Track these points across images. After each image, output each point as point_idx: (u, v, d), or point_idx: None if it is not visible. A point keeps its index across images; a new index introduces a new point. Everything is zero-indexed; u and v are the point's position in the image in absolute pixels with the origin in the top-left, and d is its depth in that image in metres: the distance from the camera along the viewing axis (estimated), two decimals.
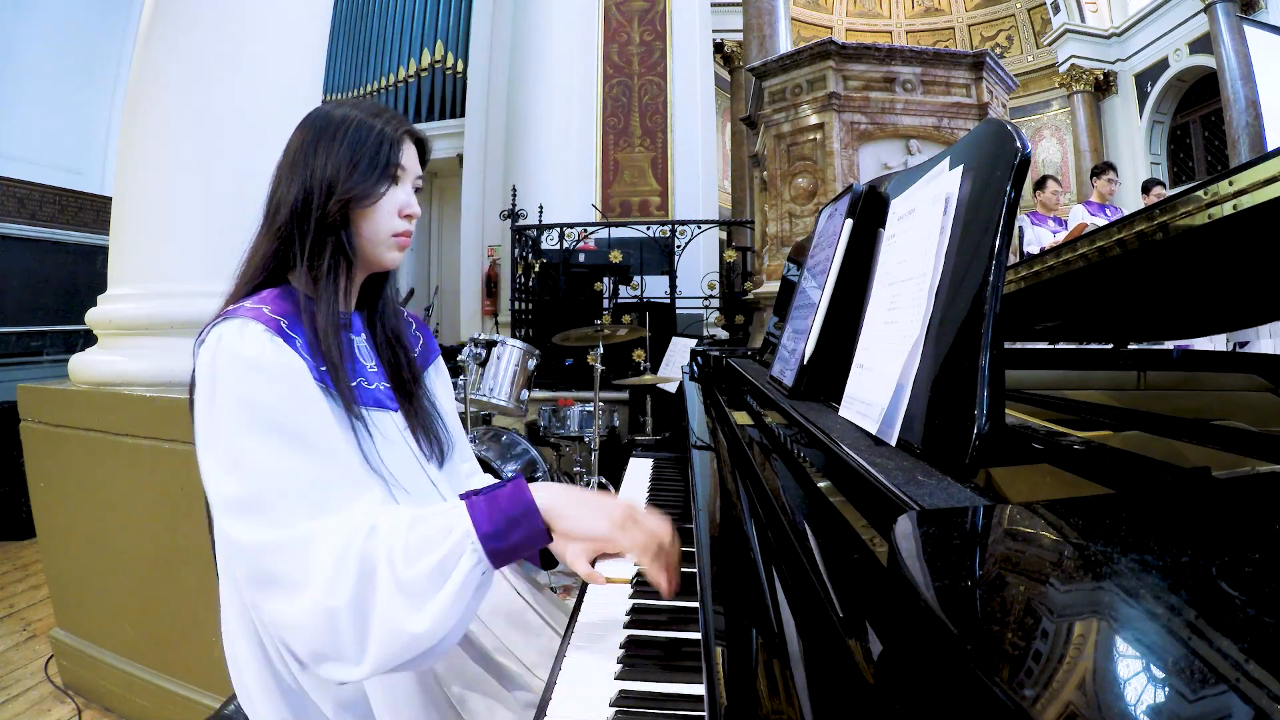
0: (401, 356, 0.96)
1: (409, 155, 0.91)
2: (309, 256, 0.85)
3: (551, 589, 2.86)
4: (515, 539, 0.68)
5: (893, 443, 0.61)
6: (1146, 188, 5.22)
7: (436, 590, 0.64)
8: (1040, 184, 4.95)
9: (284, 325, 0.79)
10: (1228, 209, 0.59)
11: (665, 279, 4.80)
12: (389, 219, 0.88)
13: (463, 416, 2.90)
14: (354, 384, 0.85)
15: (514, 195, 5.24)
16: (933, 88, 3.56)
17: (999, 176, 0.58)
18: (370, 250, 0.89)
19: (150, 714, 1.96)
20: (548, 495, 0.72)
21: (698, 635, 0.73)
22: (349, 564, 0.64)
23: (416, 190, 0.93)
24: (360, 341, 0.92)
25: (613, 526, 0.71)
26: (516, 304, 5.11)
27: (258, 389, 0.73)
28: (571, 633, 0.77)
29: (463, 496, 0.72)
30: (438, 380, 1.04)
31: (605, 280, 4.63)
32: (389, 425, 0.89)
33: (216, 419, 0.73)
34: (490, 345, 3.20)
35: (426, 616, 0.63)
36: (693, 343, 3.34)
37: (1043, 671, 0.23)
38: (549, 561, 0.92)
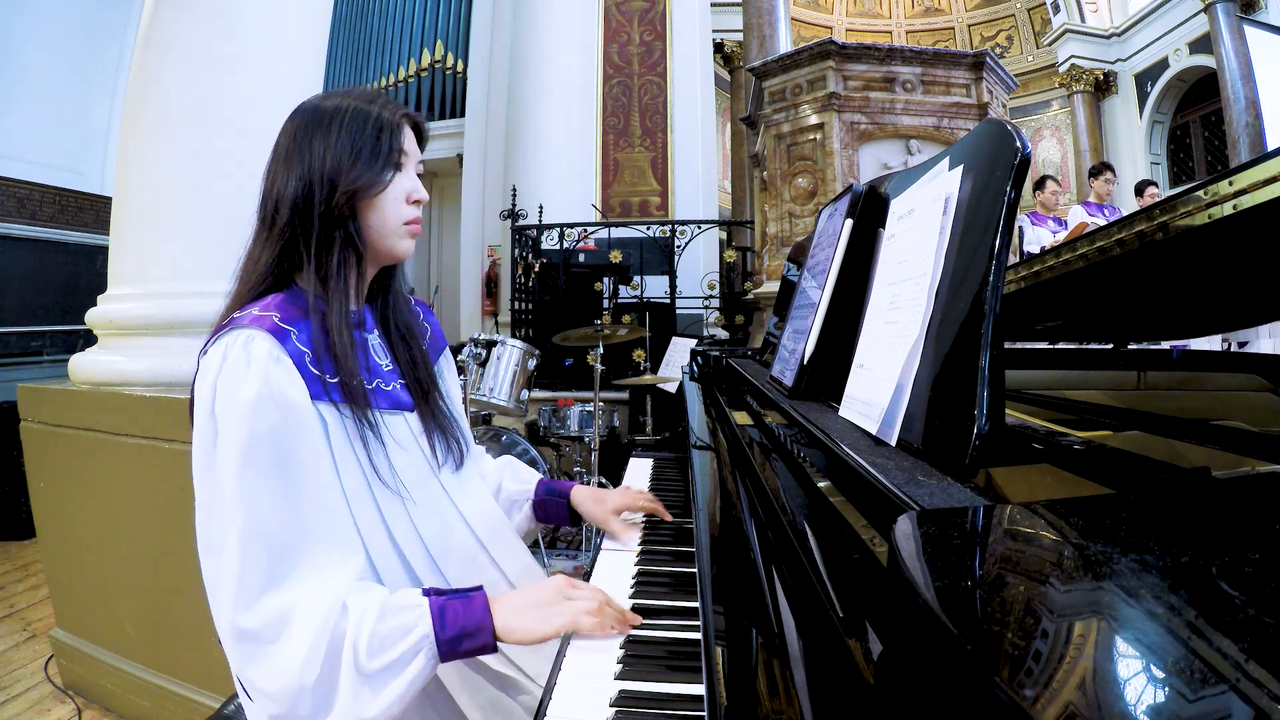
0: (416, 353, 0.94)
1: (410, 140, 0.89)
2: (315, 254, 0.82)
3: None
4: (465, 648, 0.73)
5: (893, 443, 0.61)
6: (1140, 189, 5.22)
7: (392, 680, 0.69)
8: (1040, 184, 4.95)
9: (294, 337, 0.78)
10: (1228, 209, 0.59)
11: (665, 279, 4.80)
12: (397, 207, 0.86)
13: None
14: (370, 387, 0.84)
15: (514, 195, 5.24)
16: (933, 88, 3.55)
17: (999, 176, 0.58)
18: (381, 242, 0.87)
19: (150, 714, 1.96)
20: (502, 614, 0.75)
21: (698, 635, 0.73)
22: (320, 647, 0.68)
23: (419, 176, 0.90)
24: (374, 339, 0.91)
25: (550, 629, 0.74)
26: (516, 304, 5.11)
27: (255, 447, 0.72)
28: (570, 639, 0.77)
29: (426, 593, 0.74)
30: (447, 373, 1.02)
31: (605, 280, 4.63)
32: (403, 429, 0.88)
33: (213, 474, 0.73)
34: (490, 345, 3.20)
35: (381, 702, 0.69)
36: (693, 343, 3.34)
37: (1043, 671, 0.23)
38: (576, 519, 1.11)
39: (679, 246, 4.81)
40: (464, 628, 0.73)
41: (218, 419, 0.73)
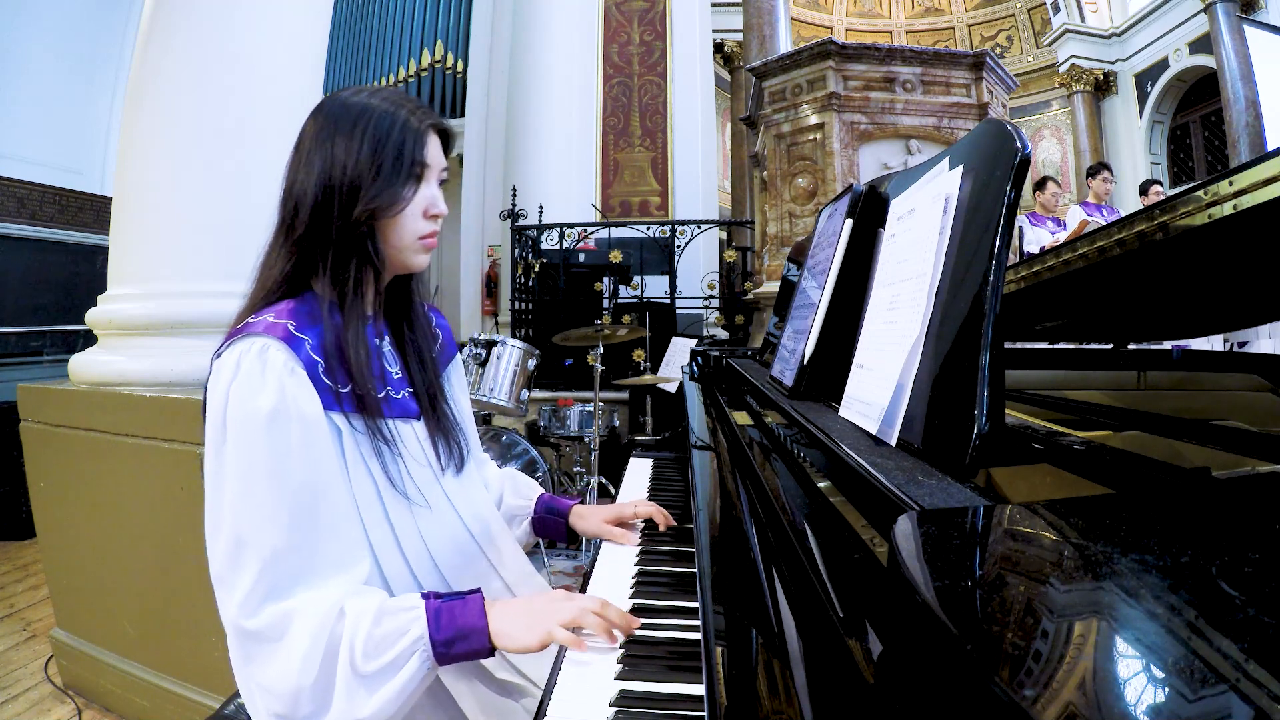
0: (427, 364, 0.93)
1: (434, 149, 0.86)
2: (333, 268, 0.81)
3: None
4: (460, 650, 0.74)
5: (893, 443, 0.61)
6: (1144, 188, 5.23)
7: (387, 681, 0.71)
8: (1040, 185, 4.96)
9: (308, 346, 0.78)
10: (1228, 209, 0.59)
11: (665, 279, 4.80)
12: (415, 222, 0.84)
13: None
14: (381, 395, 0.84)
15: (514, 195, 5.24)
16: (933, 88, 3.55)
17: (999, 176, 0.58)
18: (396, 256, 0.85)
19: (150, 714, 1.96)
20: (498, 618, 0.75)
21: (698, 635, 0.73)
22: (318, 650, 0.69)
23: (442, 183, 0.88)
24: (384, 346, 0.90)
25: (543, 638, 0.74)
26: (516, 304, 5.10)
27: (266, 460, 0.72)
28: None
29: (425, 596, 0.75)
30: (455, 381, 1.02)
31: (605, 280, 4.63)
32: (411, 437, 0.88)
33: (223, 480, 0.73)
34: (490, 345, 3.20)
35: (376, 702, 0.70)
36: (693, 343, 3.34)
37: (1043, 671, 0.23)
38: (574, 537, 1.10)
39: (679, 246, 4.80)
40: (459, 630, 0.73)
41: (228, 427, 0.73)
